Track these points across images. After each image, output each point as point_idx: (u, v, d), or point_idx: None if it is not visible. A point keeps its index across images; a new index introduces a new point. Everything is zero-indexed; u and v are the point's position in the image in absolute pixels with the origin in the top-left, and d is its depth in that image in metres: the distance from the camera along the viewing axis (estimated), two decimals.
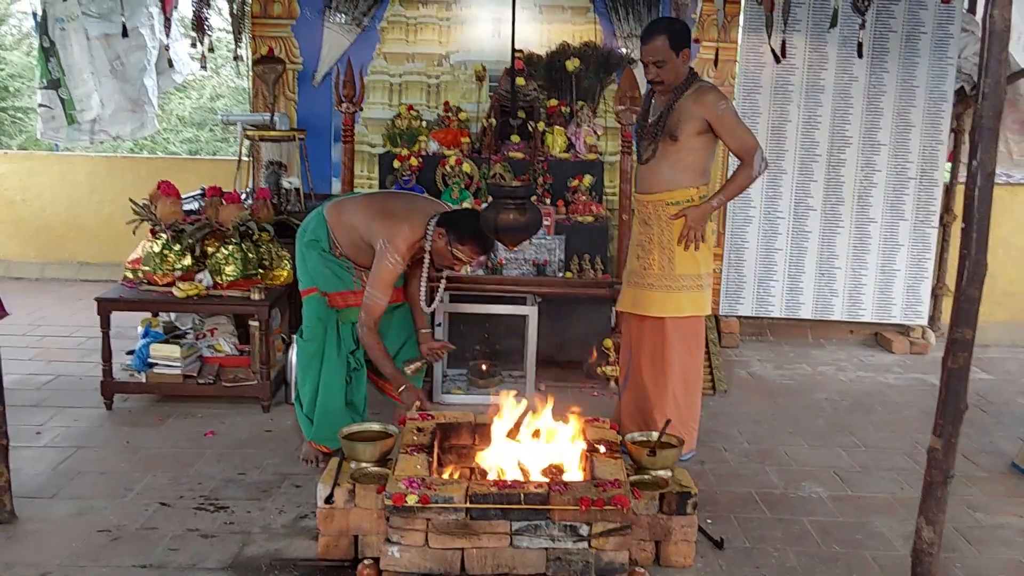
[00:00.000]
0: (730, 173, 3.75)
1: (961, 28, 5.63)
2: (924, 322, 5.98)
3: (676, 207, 3.79)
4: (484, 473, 3.13)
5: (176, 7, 5.21)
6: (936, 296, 6.12)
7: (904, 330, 6.04)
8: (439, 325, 4.69)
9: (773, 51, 4.64)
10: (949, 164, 6.07)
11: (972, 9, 5.78)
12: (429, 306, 3.87)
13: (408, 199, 4.01)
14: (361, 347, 3.89)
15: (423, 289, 3.77)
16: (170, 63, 5.81)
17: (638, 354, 3.98)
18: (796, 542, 3.30)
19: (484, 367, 4.90)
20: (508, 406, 3.29)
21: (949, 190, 6.03)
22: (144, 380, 4.46)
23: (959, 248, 2.48)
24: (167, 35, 5.05)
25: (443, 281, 3.99)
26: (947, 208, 6.02)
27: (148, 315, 4.74)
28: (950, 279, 5.96)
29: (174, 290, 4.44)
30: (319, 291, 3.80)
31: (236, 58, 5.69)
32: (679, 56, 3.74)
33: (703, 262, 3.84)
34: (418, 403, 3.61)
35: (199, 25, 5.10)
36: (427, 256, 3.64)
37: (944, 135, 5.76)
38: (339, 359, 3.81)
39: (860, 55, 4.55)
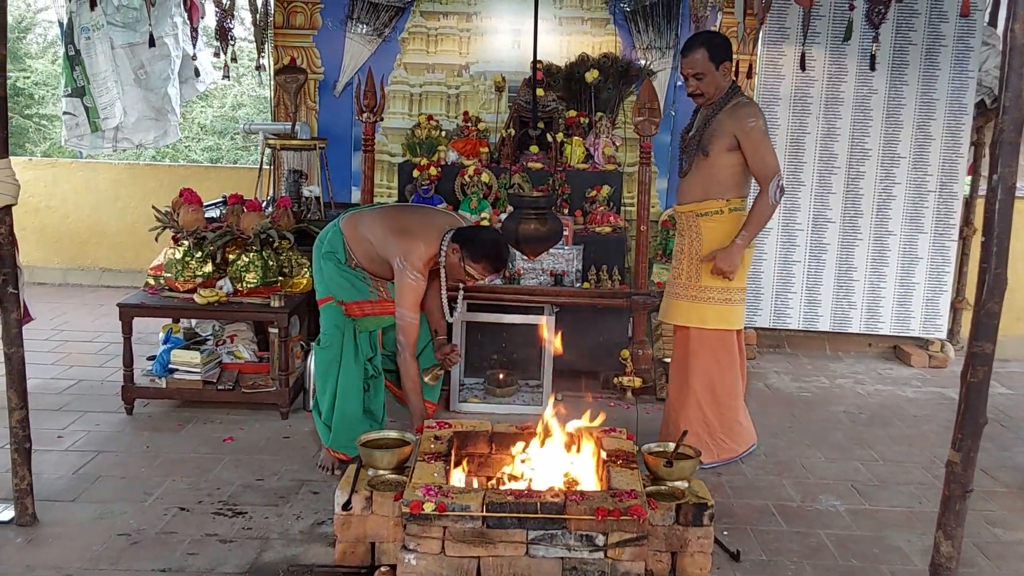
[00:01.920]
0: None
1: (982, 41, 5.61)
2: (943, 335, 5.94)
3: (706, 218, 3.82)
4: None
5: (203, 17, 5.28)
6: (955, 310, 6.09)
7: (923, 343, 6.01)
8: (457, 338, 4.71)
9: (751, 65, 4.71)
10: (969, 177, 6.05)
11: (993, 22, 5.77)
12: (451, 316, 3.89)
13: (423, 214, 4.01)
14: (379, 354, 3.92)
15: (444, 300, 3.79)
16: (196, 72, 5.88)
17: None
18: (813, 555, 3.29)
19: (501, 376, 4.91)
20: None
21: (969, 203, 6.00)
22: (164, 385, 4.50)
23: (979, 261, 2.48)
24: (193, 45, 5.10)
25: (461, 291, 4.01)
26: (967, 221, 5.98)
27: (169, 321, 4.79)
28: (969, 292, 5.92)
29: (195, 297, 4.49)
30: (335, 300, 3.83)
31: (258, 68, 5.75)
32: (719, 69, 3.74)
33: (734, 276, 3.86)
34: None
35: (223, 35, 5.15)
36: (442, 270, 3.68)
37: (964, 148, 5.74)
38: (356, 366, 3.83)
39: (872, 68, 4.56)
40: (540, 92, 5.56)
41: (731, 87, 3.80)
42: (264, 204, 5.15)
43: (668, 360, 5.02)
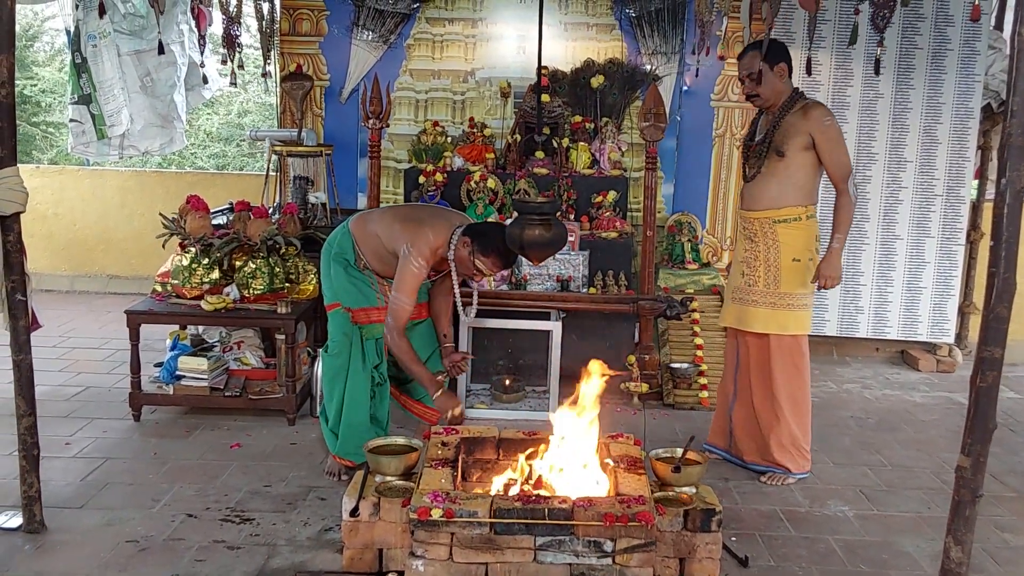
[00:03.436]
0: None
1: (988, 45, 5.60)
2: (951, 340, 5.93)
3: (784, 224, 3.84)
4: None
5: (210, 25, 5.29)
6: (963, 314, 6.07)
7: (931, 348, 5.99)
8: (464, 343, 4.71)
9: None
10: (976, 181, 6.03)
11: (999, 26, 5.76)
12: (468, 314, 3.88)
13: (433, 209, 4.06)
14: (384, 361, 3.92)
15: (458, 299, 3.79)
16: (204, 80, 5.90)
17: (746, 372, 4.05)
18: (821, 561, 3.28)
19: (508, 382, 4.91)
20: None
21: (976, 207, 5.99)
22: (172, 392, 4.51)
23: (988, 266, 2.47)
24: (201, 52, 5.11)
25: (475, 295, 4.01)
26: (974, 225, 5.97)
27: (176, 328, 4.79)
28: (977, 297, 5.90)
29: (202, 303, 4.50)
30: (342, 307, 3.83)
31: (264, 75, 5.76)
32: (774, 70, 3.79)
33: (808, 281, 3.88)
34: (457, 409, 3.64)
35: (229, 42, 5.16)
36: (452, 265, 3.67)
37: (971, 152, 5.72)
38: (364, 374, 3.83)
39: (877, 72, 4.57)
40: (545, 98, 5.56)
41: (794, 91, 3.84)
42: (270, 211, 5.16)
43: (675, 365, 5.02)
